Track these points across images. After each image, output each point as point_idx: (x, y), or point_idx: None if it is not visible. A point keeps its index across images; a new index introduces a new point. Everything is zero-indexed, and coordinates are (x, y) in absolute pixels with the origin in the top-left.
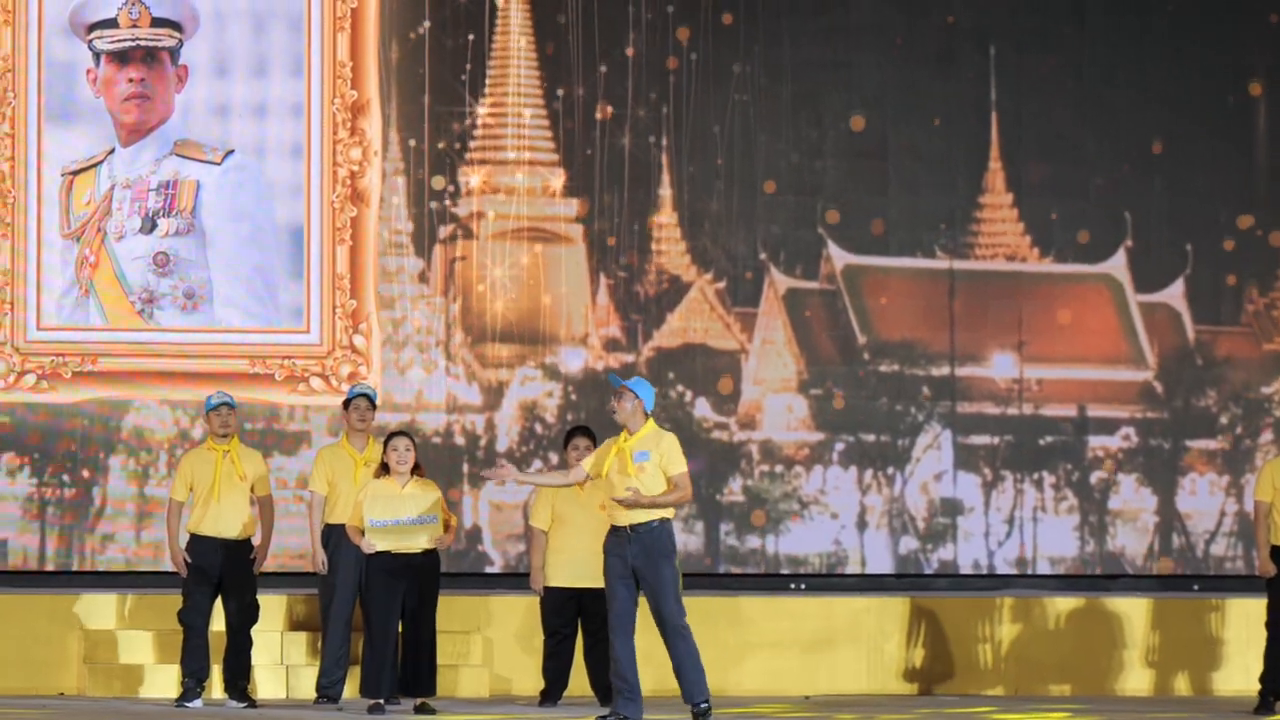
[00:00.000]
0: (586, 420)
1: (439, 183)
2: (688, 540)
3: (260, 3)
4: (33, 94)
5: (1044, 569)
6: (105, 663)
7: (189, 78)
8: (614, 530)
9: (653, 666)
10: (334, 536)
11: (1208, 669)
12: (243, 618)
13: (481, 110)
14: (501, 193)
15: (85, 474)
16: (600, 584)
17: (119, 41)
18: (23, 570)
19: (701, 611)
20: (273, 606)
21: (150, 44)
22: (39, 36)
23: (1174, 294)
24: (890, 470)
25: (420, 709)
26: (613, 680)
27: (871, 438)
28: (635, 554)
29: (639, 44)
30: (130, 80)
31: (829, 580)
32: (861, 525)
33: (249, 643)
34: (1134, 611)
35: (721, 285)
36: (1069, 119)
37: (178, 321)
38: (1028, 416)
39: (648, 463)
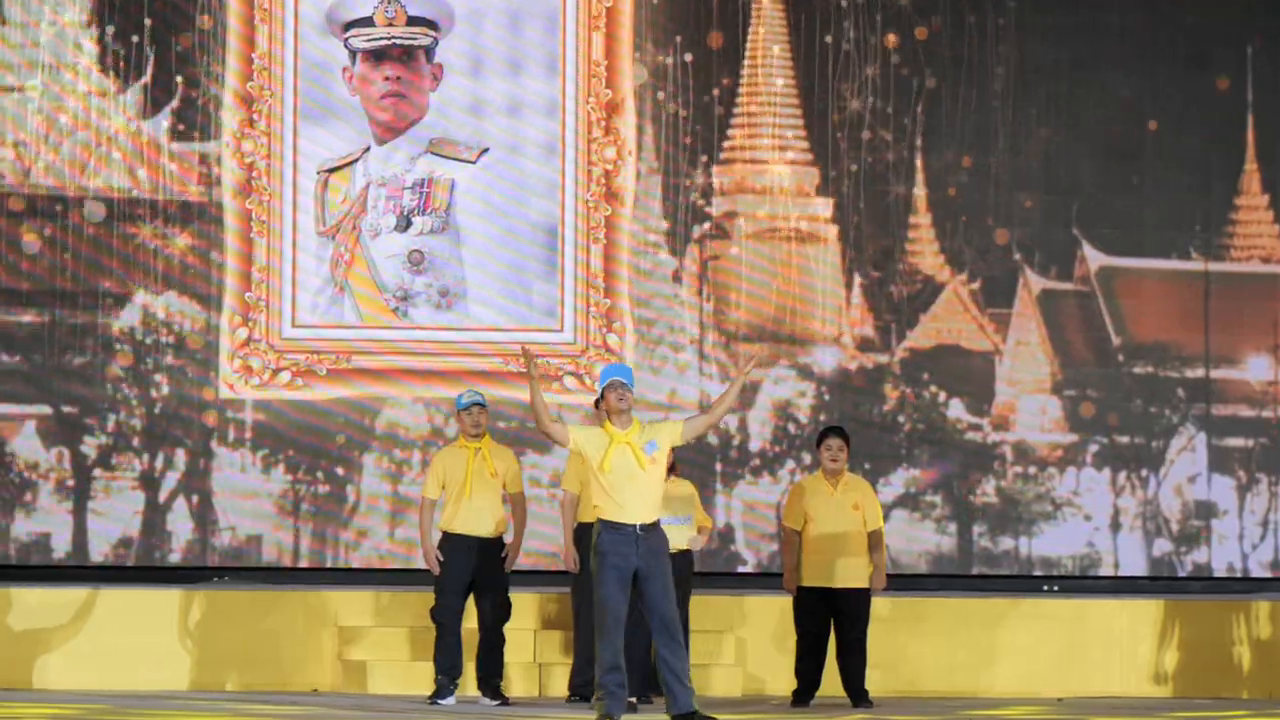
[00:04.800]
0: (839, 420)
1: (693, 182)
2: (941, 541)
3: (516, 1)
4: (289, 92)
5: None
6: (358, 660)
7: (444, 76)
8: (612, 528)
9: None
10: (587, 535)
11: None
12: (495, 615)
13: (737, 109)
14: (756, 192)
15: (339, 471)
16: (854, 584)
17: (375, 40)
18: (277, 567)
19: (955, 613)
20: (525, 604)
21: (406, 42)
22: (295, 35)
23: None
24: (1144, 472)
25: None
26: (605, 682)
27: (1125, 439)
28: (642, 554)
29: (891, 44)
30: (386, 78)
31: (1082, 582)
32: (1115, 527)
33: (501, 641)
34: None
35: (975, 286)
36: None
37: (432, 319)
38: None
39: (658, 452)
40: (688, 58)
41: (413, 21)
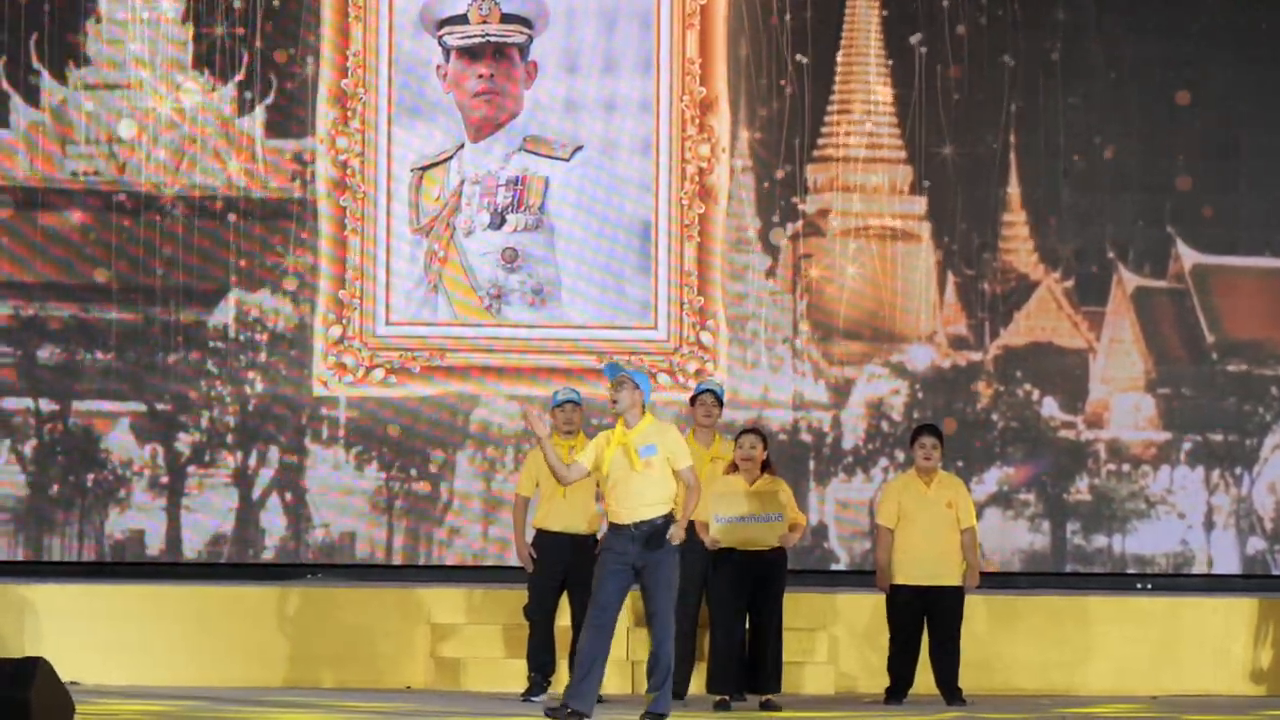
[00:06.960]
0: (933, 418)
1: (786, 179)
2: (1034, 539)
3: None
4: (383, 90)
5: None
6: (452, 657)
7: (538, 74)
8: (613, 528)
9: None
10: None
11: None
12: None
13: (830, 107)
14: (849, 190)
15: (432, 468)
16: (948, 582)
17: (469, 37)
18: (370, 564)
19: (1047, 611)
20: None
21: (500, 40)
22: (389, 32)
23: None
24: (1238, 470)
25: (765, 705)
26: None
27: (1219, 437)
28: (640, 551)
29: (984, 42)
30: (480, 76)
31: (1175, 580)
32: (1209, 525)
33: None
34: None
35: (1069, 284)
36: None
37: (525, 317)
38: None
39: (655, 457)
40: (781, 55)
41: (507, 19)
